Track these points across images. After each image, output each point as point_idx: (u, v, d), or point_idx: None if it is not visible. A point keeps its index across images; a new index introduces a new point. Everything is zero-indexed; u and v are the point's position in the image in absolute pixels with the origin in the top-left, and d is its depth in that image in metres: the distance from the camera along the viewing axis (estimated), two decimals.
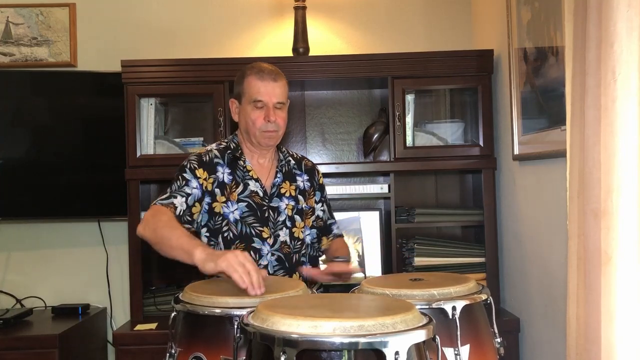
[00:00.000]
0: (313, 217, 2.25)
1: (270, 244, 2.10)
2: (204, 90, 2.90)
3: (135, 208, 2.84)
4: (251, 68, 2.14)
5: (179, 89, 2.94)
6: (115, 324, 3.17)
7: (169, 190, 2.04)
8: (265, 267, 2.08)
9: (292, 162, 2.27)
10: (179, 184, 2.04)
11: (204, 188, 2.06)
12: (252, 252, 2.07)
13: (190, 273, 3.09)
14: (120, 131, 2.87)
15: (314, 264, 2.21)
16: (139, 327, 2.72)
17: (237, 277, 1.61)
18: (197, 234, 2.08)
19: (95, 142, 3.07)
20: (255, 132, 2.11)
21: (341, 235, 2.38)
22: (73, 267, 3.20)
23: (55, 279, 3.19)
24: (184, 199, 2.01)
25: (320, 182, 2.33)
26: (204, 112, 3.13)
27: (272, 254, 2.09)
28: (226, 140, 2.22)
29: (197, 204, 2.05)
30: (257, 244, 2.08)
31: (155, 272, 3.13)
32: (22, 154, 3.03)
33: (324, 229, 2.31)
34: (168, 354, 1.58)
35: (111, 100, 2.99)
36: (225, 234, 2.07)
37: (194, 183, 2.05)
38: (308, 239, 2.19)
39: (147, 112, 2.93)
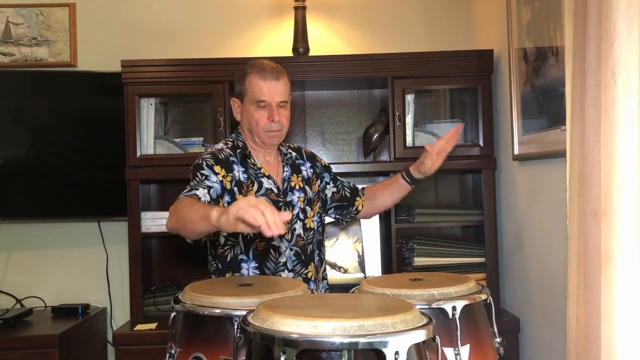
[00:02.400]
0: (319, 204, 2.24)
1: (288, 239, 2.09)
2: (204, 90, 2.90)
3: (135, 208, 2.84)
4: (252, 66, 2.08)
5: (179, 89, 2.93)
6: (115, 324, 3.17)
7: (188, 186, 1.95)
8: (285, 263, 2.07)
9: (293, 153, 2.26)
10: (197, 179, 1.96)
11: (223, 185, 2.00)
12: (272, 251, 2.06)
13: (190, 273, 3.08)
14: (120, 131, 2.87)
15: (320, 248, 2.21)
16: (139, 327, 2.72)
17: (250, 217, 1.45)
18: None
19: (95, 142, 3.07)
20: (259, 132, 2.08)
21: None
22: (73, 267, 3.20)
23: (55, 279, 3.19)
24: (205, 190, 1.91)
25: (324, 163, 2.33)
26: (204, 112, 3.12)
27: (291, 249, 2.09)
28: (231, 140, 2.16)
29: (219, 198, 1.97)
30: (276, 241, 2.06)
31: (155, 272, 3.13)
32: (22, 154, 3.03)
33: (353, 192, 2.33)
34: (168, 354, 1.58)
35: (111, 100, 2.99)
36: (245, 233, 2.00)
37: (214, 178, 1.97)
38: (315, 225, 2.19)
39: (147, 112, 2.93)
